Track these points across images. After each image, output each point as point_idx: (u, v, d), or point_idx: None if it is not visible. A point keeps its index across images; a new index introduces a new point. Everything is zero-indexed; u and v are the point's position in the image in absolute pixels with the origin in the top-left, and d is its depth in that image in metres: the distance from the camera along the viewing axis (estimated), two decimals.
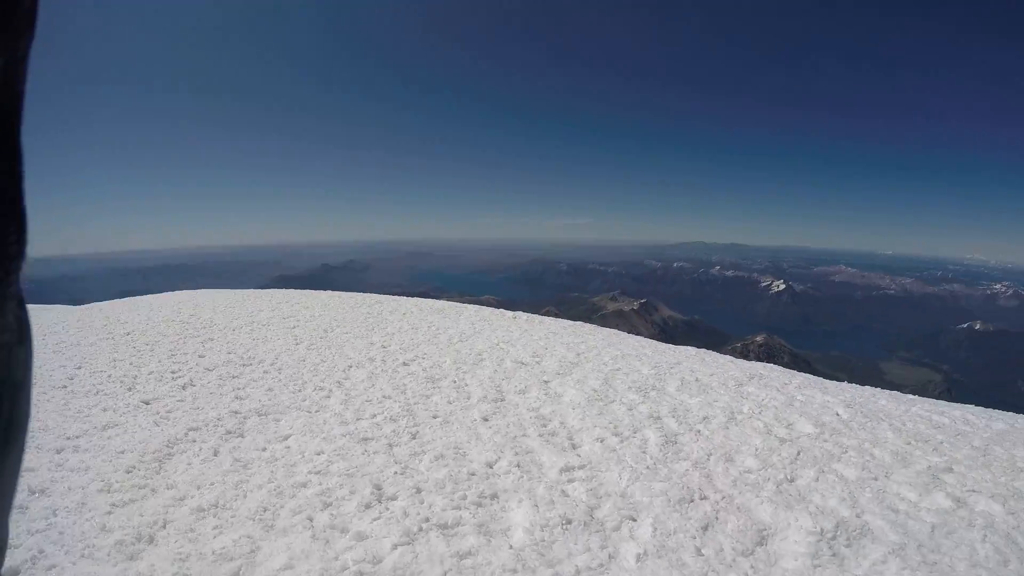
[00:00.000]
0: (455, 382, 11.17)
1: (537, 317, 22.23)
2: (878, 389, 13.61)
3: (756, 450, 7.85)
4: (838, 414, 9.84)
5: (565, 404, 9.78)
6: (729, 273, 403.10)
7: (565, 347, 15.29)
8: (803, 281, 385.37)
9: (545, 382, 11.31)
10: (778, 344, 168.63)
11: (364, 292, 27.83)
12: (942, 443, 8.60)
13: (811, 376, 14.49)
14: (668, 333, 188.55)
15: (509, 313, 22.45)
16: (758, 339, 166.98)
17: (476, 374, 11.83)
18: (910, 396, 12.84)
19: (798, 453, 7.78)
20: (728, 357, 16.67)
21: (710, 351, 17.61)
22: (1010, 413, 12.00)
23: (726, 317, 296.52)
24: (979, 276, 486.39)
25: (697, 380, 11.98)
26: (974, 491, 6.79)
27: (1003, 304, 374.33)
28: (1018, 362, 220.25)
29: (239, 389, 10.30)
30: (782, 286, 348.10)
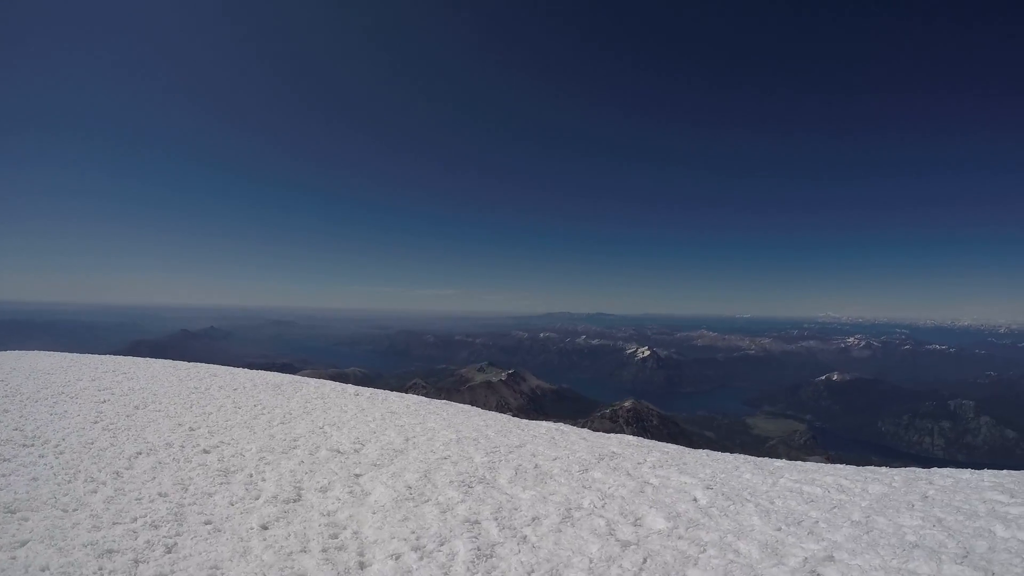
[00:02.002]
0: (251, 476, 9.71)
1: (381, 394, 21.20)
2: (742, 458, 12.91)
3: (591, 562, 6.53)
4: (696, 499, 8.76)
5: (368, 506, 8.38)
6: (595, 341, 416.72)
7: (397, 430, 14.08)
8: (667, 346, 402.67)
9: (356, 476, 9.93)
10: (646, 408, 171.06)
11: (224, 361, 27.20)
12: (817, 523, 7.61)
13: (670, 449, 13.61)
14: (537, 403, 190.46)
15: (352, 389, 21.53)
16: (626, 404, 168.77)
17: (280, 466, 10.40)
18: (777, 463, 12.07)
19: (644, 560, 6.51)
20: (585, 432, 15.92)
21: (565, 426, 16.85)
22: (883, 469, 11.48)
23: (593, 384, 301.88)
24: (833, 332, 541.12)
25: (536, 467, 10.75)
26: None
27: (856, 355, 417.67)
28: (875, 405, 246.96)
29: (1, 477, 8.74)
30: (647, 352, 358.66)
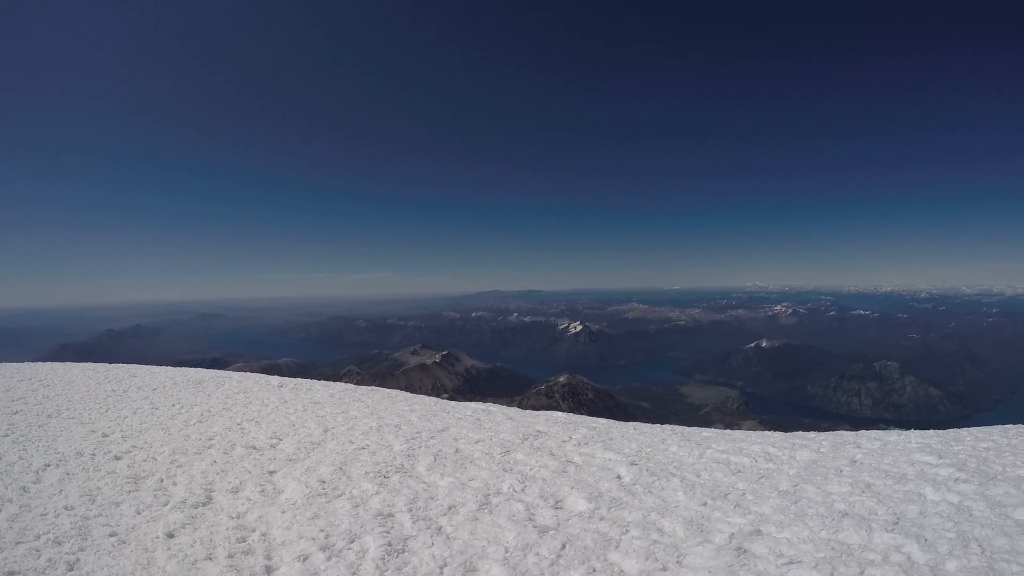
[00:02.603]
0: (162, 480, 9.12)
1: (305, 384, 20.51)
2: (671, 429, 12.66)
3: (507, 551, 6.12)
4: (620, 477, 8.45)
5: (278, 505, 7.89)
6: (527, 319, 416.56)
7: (317, 421, 13.55)
8: (599, 320, 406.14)
9: (270, 473, 9.41)
10: (581, 382, 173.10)
11: (153, 359, 26.85)
12: (744, 495, 7.36)
13: (599, 424, 13.32)
14: (472, 383, 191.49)
15: (276, 381, 20.91)
16: (561, 380, 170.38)
17: (192, 468, 9.82)
18: (705, 433, 11.86)
19: (563, 546, 6.13)
20: (513, 411, 15.57)
21: (493, 406, 16.27)
22: (812, 434, 11.36)
23: (528, 361, 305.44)
24: (760, 300, 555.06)
25: (457, 451, 10.33)
26: (792, 561, 5.46)
27: (784, 322, 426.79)
28: (803, 370, 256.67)
29: None
30: (579, 327, 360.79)
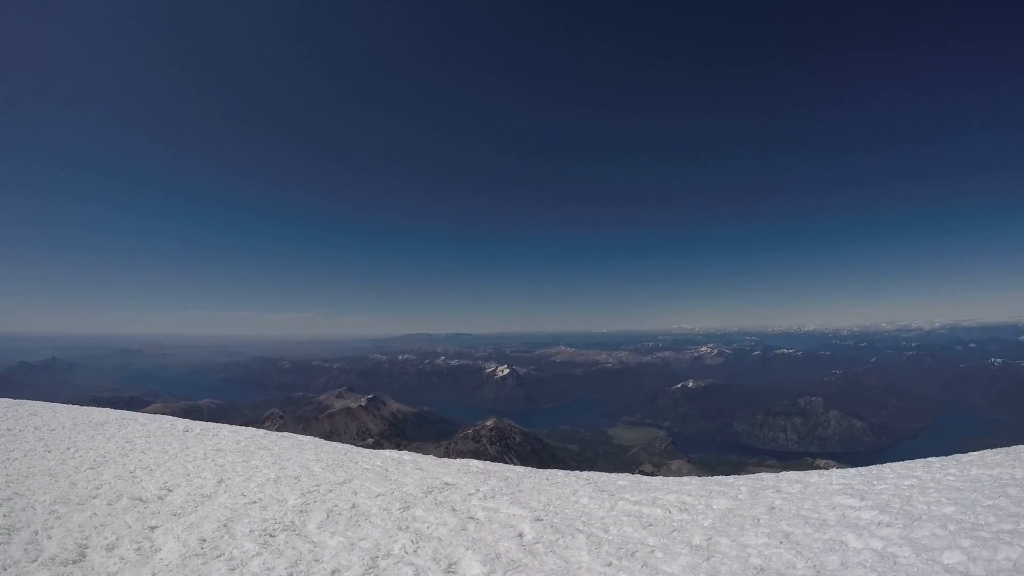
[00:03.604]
0: (36, 533, 8.27)
1: (213, 428, 19.59)
2: (586, 478, 12.21)
3: None
4: (522, 535, 7.89)
5: (151, 566, 7.24)
6: (454, 362, 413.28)
7: (214, 471, 12.70)
8: (526, 364, 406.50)
9: (151, 529, 8.64)
10: (508, 426, 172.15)
11: (67, 395, 25.58)
12: (654, 552, 6.87)
13: (512, 474, 12.87)
14: (398, 427, 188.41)
15: (182, 425, 19.89)
16: (488, 424, 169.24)
17: (70, 520, 8.94)
18: (620, 482, 11.41)
19: None
20: (428, 459, 15.10)
21: (407, 454, 15.84)
22: (731, 479, 11.03)
23: (455, 405, 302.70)
24: (686, 342, 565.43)
25: (354, 507, 9.65)
26: None
27: (709, 363, 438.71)
28: (729, 408, 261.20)
29: None
30: (506, 370, 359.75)
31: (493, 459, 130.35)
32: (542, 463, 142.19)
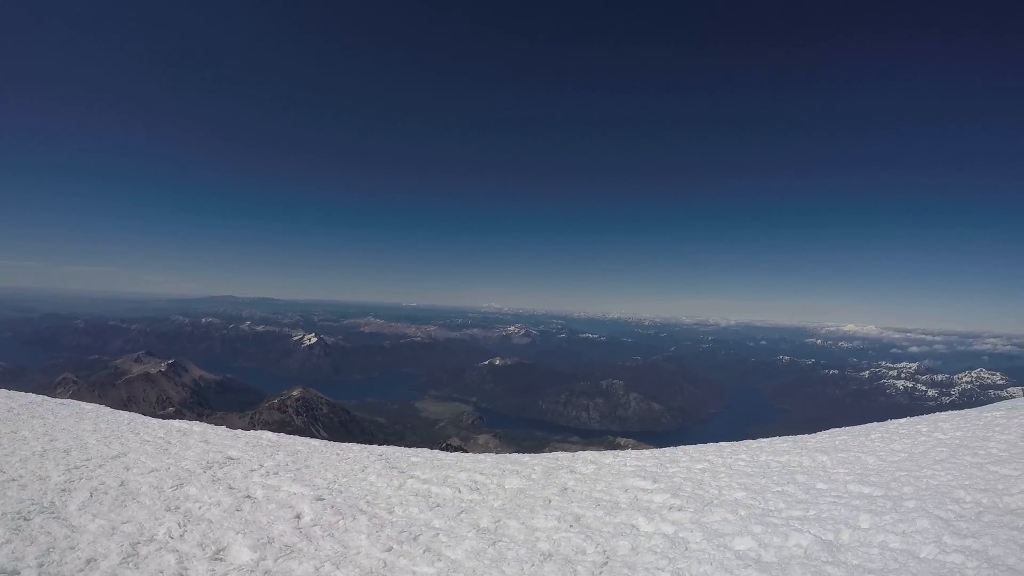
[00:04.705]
0: None
1: None
2: (380, 452, 11.81)
3: None
4: (299, 516, 7.30)
5: None
6: (260, 328, 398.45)
7: None
8: (334, 333, 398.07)
9: None
10: (315, 397, 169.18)
11: None
12: (438, 535, 6.52)
13: (303, 448, 12.24)
14: (200, 395, 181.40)
15: None
16: (295, 394, 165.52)
17: None
18: (414, 458, 10.98)
19: None
20: (219, 431, 14.11)
21: (197, 424, 14.84)
22: (527, 457, 10.93)
23: (260, 373, 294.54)
24: (495, 321, 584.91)
25: (123, 484, 8.62)
26: None
27: (517, 342, 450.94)
28: (535, 386, 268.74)
29: None
30: (314, 339, 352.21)
31: (299, 430, 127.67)
32: (350, 435, 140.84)
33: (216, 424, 15.25)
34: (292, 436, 14.09)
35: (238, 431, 14.33)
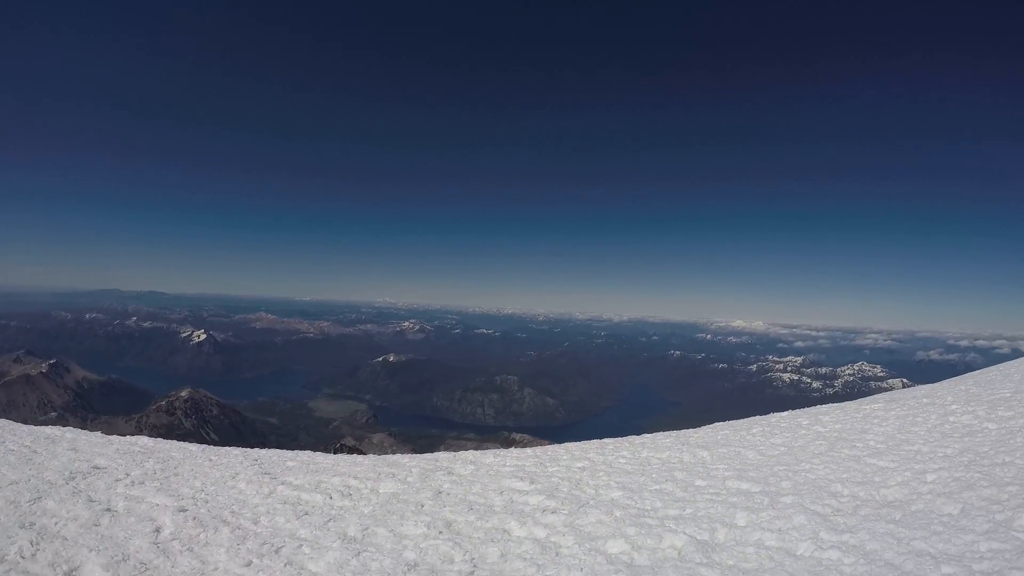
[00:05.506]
0: None
1: None
2: (255, 456, 11.47)
3: None
4: (159, 530, 6.91)
5: None
6: (147, 324, 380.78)
7: None
8: (224, 329, 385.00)
9: None
10: (204, 397, 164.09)
11: None
12: (302, 546, 6.26)
13: (177, 453, 11.66)
14: (85, 398, 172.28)
15: None
16: (183, 394, 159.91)
17: None
18: (290, 462, 10.63)
19: None
20: (94, 436, 13.19)
21: (71, 431, 13.66)
22: (406, 458, 10.78)
23: (148, 373, 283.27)
24: (389, 316, 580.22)
25: None
26: None
27: (411, 338, 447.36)
28: (430, 383, 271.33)
29: None
30: (203, 336, 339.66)
31: (189, 434, 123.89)
32: (241, 437, 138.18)
33: (102, 429, 14.49)
34: (170, 441, 13.44)
35: (112, 437, 13.50)
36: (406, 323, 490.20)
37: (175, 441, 13.65)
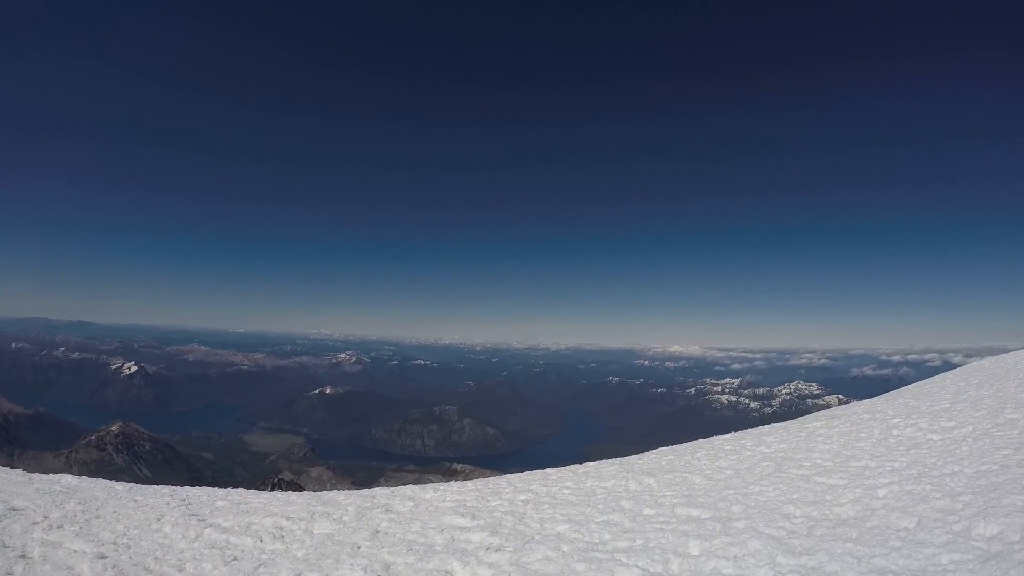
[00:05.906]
0: None
1: None
2: (182, 495, 10.97)
3: None
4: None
5: None
6: (76, 355, 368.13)
7: None
8: (156, 361, 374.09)
9: None
10: (136, 432, 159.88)
11: None
12: None
13: (100, 493, 11.10)
14: (10, 433, 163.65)
15: None
16: (114, 429, 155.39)
17: None
18: (220, 502, 10.18)
19: None
20: (14, 474, 12.67)
21: None
22: (343, 495, 10.40)
23: (76, 406, 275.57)
24: (325, 348, 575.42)
25: None
26: None
27: (348, 370, 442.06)
28: (368, 415, 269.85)
29: None
30: (134, 368, 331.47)
31: (120, 470, 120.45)
32: (175, 473, 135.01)
33: (29, 464, 13.68)
34: (95, 480, 12.87)
35: (34, 475, 12.90)
36: (342, 355, 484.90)
37: (100, 480, 13.13)
